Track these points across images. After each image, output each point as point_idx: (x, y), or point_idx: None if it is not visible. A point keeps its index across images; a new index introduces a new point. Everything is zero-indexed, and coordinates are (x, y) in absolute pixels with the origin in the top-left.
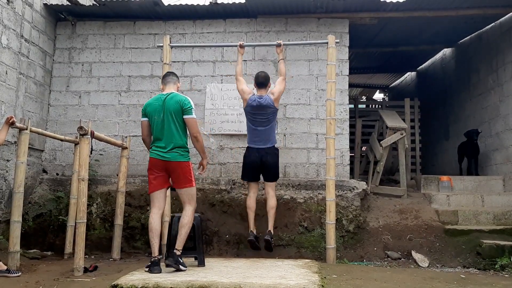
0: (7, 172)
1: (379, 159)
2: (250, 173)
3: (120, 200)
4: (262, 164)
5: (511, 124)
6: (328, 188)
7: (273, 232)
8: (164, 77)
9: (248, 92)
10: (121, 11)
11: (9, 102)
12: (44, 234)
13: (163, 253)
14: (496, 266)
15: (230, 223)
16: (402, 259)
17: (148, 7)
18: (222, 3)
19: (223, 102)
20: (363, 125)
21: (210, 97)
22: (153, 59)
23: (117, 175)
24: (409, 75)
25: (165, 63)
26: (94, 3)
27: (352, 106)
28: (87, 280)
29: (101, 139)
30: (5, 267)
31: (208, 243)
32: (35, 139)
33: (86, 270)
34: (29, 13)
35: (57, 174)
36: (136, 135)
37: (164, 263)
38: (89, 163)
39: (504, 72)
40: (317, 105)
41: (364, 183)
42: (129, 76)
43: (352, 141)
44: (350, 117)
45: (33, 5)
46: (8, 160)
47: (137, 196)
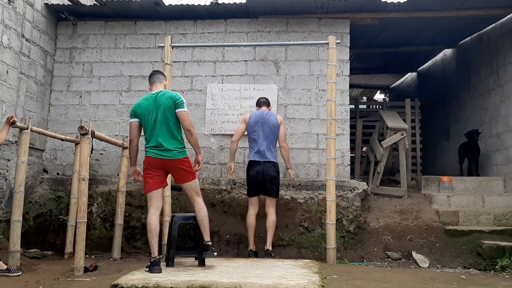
0: (8, 172)
1: (380, 160)
2: (253, 188)
3: (121, 200)
4: (264, 177)
5: None
6: (329, 189)
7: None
8: (151, 77)
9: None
10: (122, 11)
11: (10, 102)
12: (45, 234)
13: (163, 253)
14: (497, 267)
15: (231, 223)
16: (403, 260)
17: (149, 7)
18: (223, 3)
19: (224, 102)
20: (364, 126)
21: (211, 97)
22: (154, 59)
23: (118, 175)
24: (410, 76)
25: (166, 63)
26: (95, 3)
27: (353, 107)
28: (87, 280)
29: (102, 139)
30: (6, 267)
31: None
32: (36, 139)
33: (87, 270)
34: (30, 13)
35: (58, 174)
36: None
37: (203, 257)
38: (90, 163)
39: (505, 73)
40: (318, 106)
41: (365, 184)
42: (130, 76)
43: (353, 142)
44: (351, 118)
45: (34, 5)
46: (9, 160)
47: (138, 196)
